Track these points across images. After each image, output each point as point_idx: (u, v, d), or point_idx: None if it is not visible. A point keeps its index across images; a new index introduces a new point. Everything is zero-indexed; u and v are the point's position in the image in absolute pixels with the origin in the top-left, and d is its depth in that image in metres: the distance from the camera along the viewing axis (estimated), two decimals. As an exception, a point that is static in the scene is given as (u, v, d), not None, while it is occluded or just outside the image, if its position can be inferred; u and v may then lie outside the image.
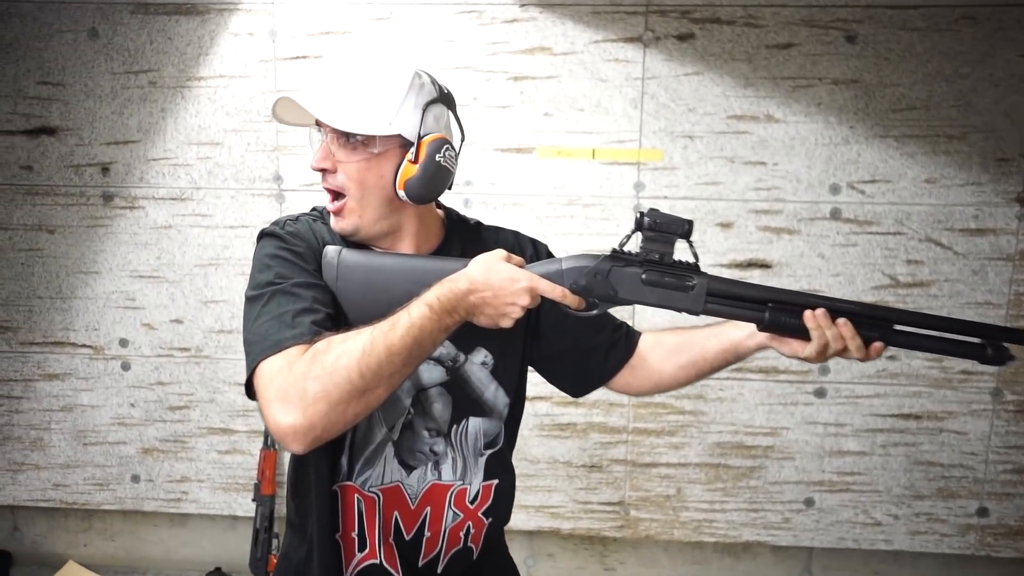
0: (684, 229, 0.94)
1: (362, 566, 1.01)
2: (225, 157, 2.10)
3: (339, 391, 0.80)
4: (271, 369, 0.82)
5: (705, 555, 2.25)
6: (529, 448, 2.17)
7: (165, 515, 2.36)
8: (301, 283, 0.90)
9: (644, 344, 1.14)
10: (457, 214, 1.13)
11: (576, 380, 1.16)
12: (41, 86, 2.12)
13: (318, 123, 0.97)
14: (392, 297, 0.89)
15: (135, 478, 2.30)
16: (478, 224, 1.13)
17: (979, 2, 1.89)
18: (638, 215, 0.94)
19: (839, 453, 2.10)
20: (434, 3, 1.98)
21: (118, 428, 2.28)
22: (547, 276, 0.94)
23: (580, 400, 2.14)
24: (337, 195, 0.98)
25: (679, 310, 0.96)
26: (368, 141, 0.95)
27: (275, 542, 2.16)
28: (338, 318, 0.92)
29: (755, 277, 2.04)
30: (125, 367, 2.23)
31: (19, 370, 2.27)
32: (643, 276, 0.95)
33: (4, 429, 2.31)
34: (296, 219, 1.00)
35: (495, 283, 0.90)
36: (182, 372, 2.22)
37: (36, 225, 2.19)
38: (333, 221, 0.99)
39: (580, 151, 2.02)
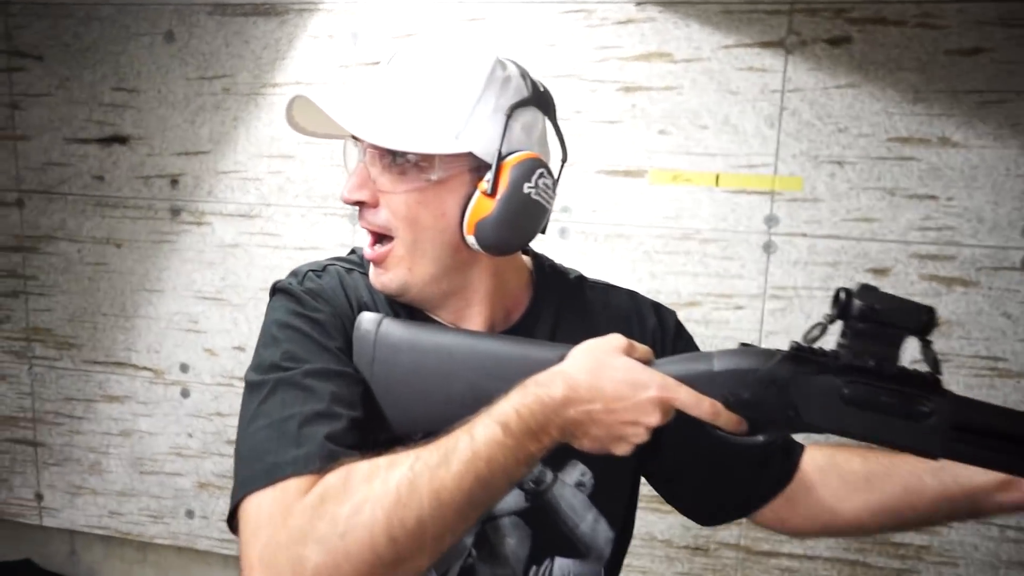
0: (921, 321, 0.60)
1: None
2: (297, 171, 1.89)
3: (355, 564, 0.52)
4: (259, 514, 0.56)
5: (832, 669, 1.85)
6: (622, 522, 1.84)
7: (219, 555, 2.17)
8: (317, 371, 0.63)
9: (811, 465, 0.80)
10: (551, 264, 0.83)
11: (705, 507, 0.84)
12: (116, 92, 1.98)
13: (356, 136, 0.70)
14: (451, 394, 0.61)
15: (189, 513, 2.12)
16: (580, 280, 0.83)
17: None
18: (841, 294, 0.61)
19: (1022, 566, 1.65)
20: (536, 1, 1.70)
21: (175, 459, 2.10)
22: (690, 380, 0.63)
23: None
24: (381, 237, 0.70)
25: (902, 448, 0.62)
26: (424, 163, 0.67)
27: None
28: (368, 423, 0.64)
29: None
30: (184, 394, 2.06)
31: (81, 389, 2.14)
32: (845, 391, 0.62)
33: (65, 450, 2.19)
34: (323, 269, 0.73)
35: (609, 391, 0.60)
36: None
37: (104, 238, 2.06)
38: (372, 274, 0.71)
39: (701, 176, 1.69)
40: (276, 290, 0.71)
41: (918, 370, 0.62)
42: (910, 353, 0.62)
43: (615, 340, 0.64)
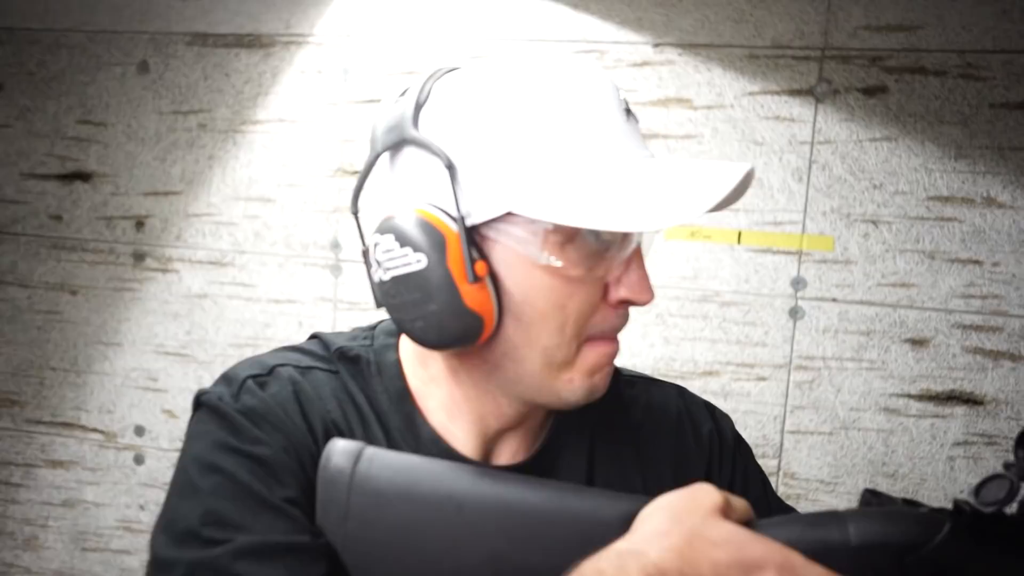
0: None
1: None
2: (276, 217, 1.71)
3: None
4: None
5: None
6: None
7: (167, 646, 1.89)
8: (255, 547, 0.43)
9: None
10: None
11: None
12: (81, 125, 1.80)
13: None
14: (461, 569, 0.41)
15: (136, 598, 1.86)
16: (614, 373, 0.65)
17: None
18: None
19: None
20: (545, 39, 1.56)
21: (123, 534, 1.85)
22: (819, 554, 0.42)
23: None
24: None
25: None
26: None
27: None
28: None
29: (958, 416, 1.46)
30: (138, 460, 1.82)
31: (21, 452, 1.90)
32: None
33: (-2, 520, 1.93)
34: (269, 372, 0.52)
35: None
36: (203, 473, 1.79)
37: (59, 284, 1.84)
38: (598, 380, 0.53)
39: (722, 233, 1.53)
40: (200, 404, 0.51)
41: None
42: None
43: (706, 495, 0.44)
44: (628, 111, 0.53)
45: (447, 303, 0.48)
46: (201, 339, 1.77)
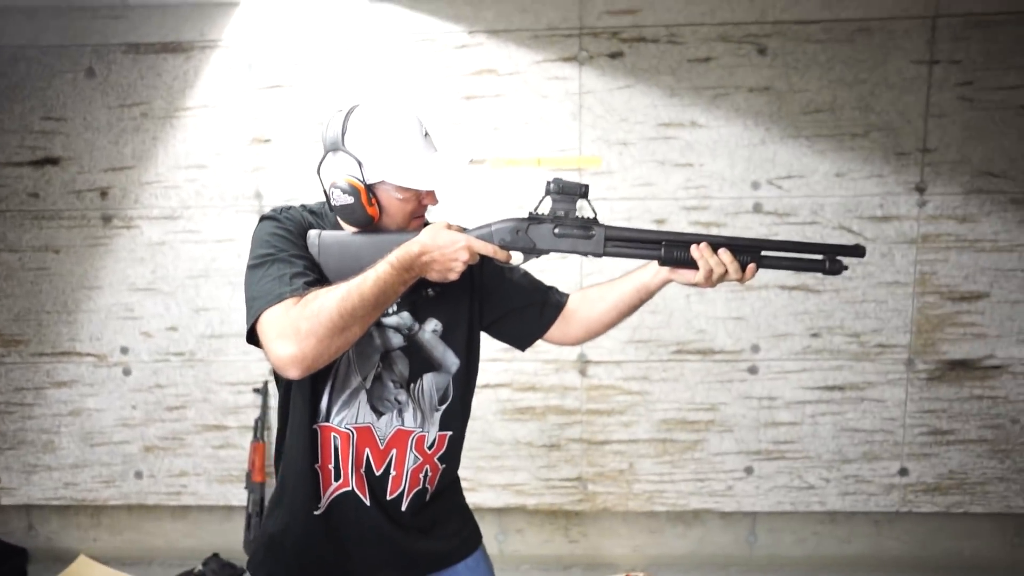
0: (582, 191, 1.07)
1: (337, 494, 1.11)
2: (211, 178, 2.16)
3: (324, 328, 0.93)
4: (272, 315, 0.95)
5: (659, 524, 2.28)
6: (494, 431, 2.21)
7: (167, 508, 2.38)
8: (295, 254, 1.03)
9: (574, 300, 1.24)
10: None
11: (519, 334, 1.25)
12: (45, 121, 2.18)
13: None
14: (363, 265, 1.01)
15: (138, 474, 2.32)
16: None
17: (872, 16, 1.97)
18: (547, 183, 1.06)
19: (773, 424, 2.14)
20: (392, 33, 2.05)
21: (121, 429, 2.30)
22: (481, 237, 1.06)
23: (537, 385, 2.19)
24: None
25: (585, 254, 1.08)
26: None
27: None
28: (322, 283, 1.04)
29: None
30: (126, 372, 2.27)
31: (31, 379, 2.31)
32: (555, 230, 1.06)
33: (18, 434, 2.34)
34: (289, 208, 1.13)
35: (440, 243, 1.02)
36: (178, 375, 2.26)
37: (43, 246, 2.24)
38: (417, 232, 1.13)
39: (527, 160, 2.09)
40: (264, 217, 1.08)
41: (589, 217, 1.06)
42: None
43: (440, 222, 1.05)
44: (426, 133, 1.09)
45: (360, 213, 1.06)
46: (164, 276, 2.22)
